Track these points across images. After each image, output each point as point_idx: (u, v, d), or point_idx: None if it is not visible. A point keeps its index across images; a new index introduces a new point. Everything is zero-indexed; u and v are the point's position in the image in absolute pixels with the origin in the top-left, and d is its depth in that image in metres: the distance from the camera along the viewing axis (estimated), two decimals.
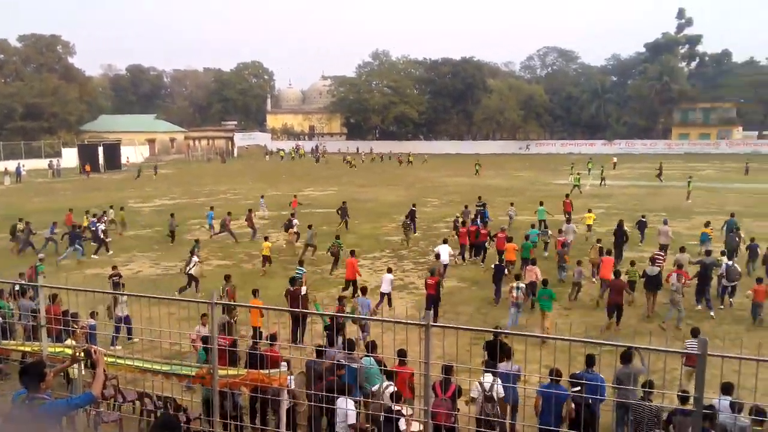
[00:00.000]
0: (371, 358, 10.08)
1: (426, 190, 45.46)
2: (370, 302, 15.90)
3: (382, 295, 17.95)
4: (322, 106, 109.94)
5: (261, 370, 7.59)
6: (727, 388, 8.66)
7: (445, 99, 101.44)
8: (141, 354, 9.09)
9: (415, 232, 28.69)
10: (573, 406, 8.72)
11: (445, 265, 21.14)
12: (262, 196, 37.04)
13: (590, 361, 9.58)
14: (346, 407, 8.53)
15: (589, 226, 27.42)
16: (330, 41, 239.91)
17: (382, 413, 8.00)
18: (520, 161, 75.12)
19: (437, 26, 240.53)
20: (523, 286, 16.12)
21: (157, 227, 31.50)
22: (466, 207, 30.11)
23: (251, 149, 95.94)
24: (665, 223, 24.56)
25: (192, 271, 19.65)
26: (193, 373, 7.33)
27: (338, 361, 9.57)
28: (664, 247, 22.39)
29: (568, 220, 25.34)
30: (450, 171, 63.26)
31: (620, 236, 23.02)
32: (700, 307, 17.75)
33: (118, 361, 8.08)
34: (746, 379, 10.02)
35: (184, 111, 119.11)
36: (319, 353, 10.07)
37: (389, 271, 19.11)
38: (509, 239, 21.82)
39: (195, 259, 20.23)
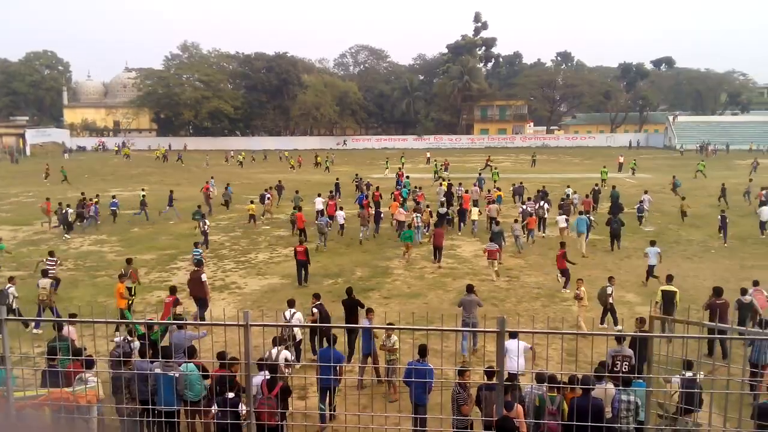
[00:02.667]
0: (191, 364, 9.69)
1: (244, 187, 44.45)
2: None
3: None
4: (128, 100, 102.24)
5: (64, 389, 6.96)
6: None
7: (260, 94, 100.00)
8: None
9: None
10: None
11: (342, 224, 27.90)
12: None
13: (423, 351, 9.81)
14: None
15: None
16: (132, 31, 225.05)
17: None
18: (339, 156, 76.37)
19: (249, 21, 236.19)
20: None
21: None
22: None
23: (47, 147, 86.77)
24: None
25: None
26: None
27: (153, 371, 9.07)
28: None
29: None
30: (272, 167, 62.52)
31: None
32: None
33: None
34: (544, 350, 11.28)
35: None
36: (123, 363, 9.42)
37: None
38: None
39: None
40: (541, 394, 8.70)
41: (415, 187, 36.93)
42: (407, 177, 41.89)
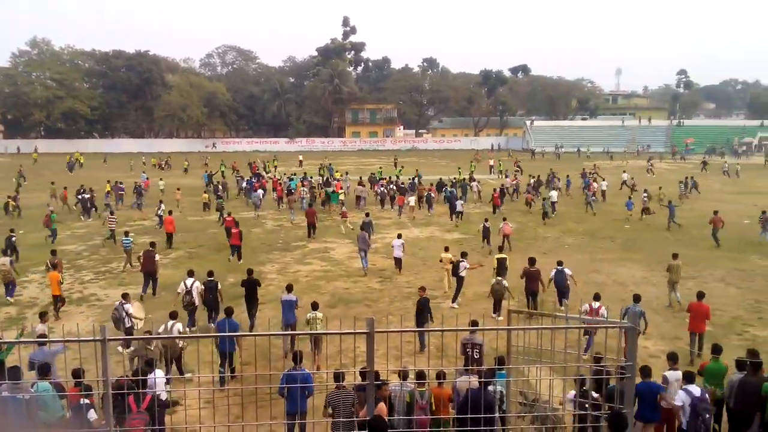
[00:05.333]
0: (45, 383, 8.98)
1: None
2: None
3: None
4: None
5: None
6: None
7: (120, 94, 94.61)
8: None
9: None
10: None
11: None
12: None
13: (295, 358, 9.68)
14: None
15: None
16: None
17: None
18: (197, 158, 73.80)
19: (106, 17, 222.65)
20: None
21: None
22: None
23: None
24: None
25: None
26: None
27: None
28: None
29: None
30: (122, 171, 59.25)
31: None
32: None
33: None
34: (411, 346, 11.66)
35: None
36: None
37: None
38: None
39: None
40: (410, 390, 8.98)
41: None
42: (294, 174, 46.75)
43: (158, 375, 10.05)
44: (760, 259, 23.53)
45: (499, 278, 17.06)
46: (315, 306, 13.96)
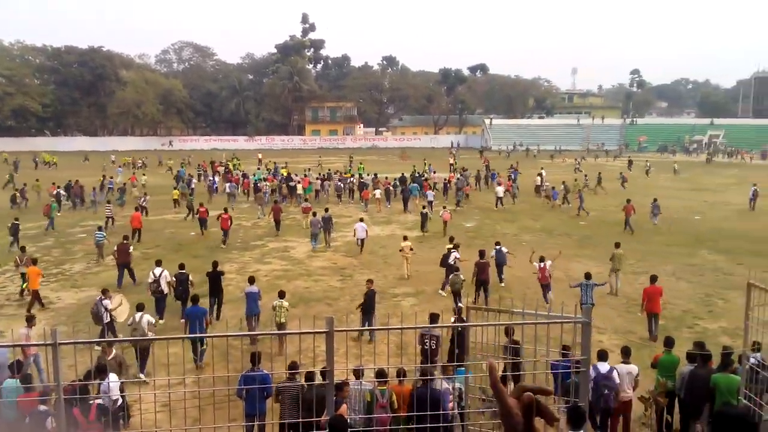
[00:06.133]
0: (11, 381, 8.71)
1: None
2: None
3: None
4: None
5: None
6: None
7: (73, 90, 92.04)
8: None
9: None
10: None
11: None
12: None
13: (254, 359, 9.71)
14: None
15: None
16: None
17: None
18: (164, 156, 72.47)
19: (57, 12, 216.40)
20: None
21: None
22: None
23: None
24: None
25: None
26: None
27: None
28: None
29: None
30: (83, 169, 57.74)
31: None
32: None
33: None
34: (377, 346, 11.67)
35: None
36: None
37: None
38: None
39: None
40: (371, 389, 9.00)
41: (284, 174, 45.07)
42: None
43: (112, 379, 9.84)
44: (710, 254, 24.30)
45: (457, 272, 17.61)
46: (282, 294, 14.84)
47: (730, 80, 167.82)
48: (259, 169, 51.51)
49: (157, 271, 16.59)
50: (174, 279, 16.55)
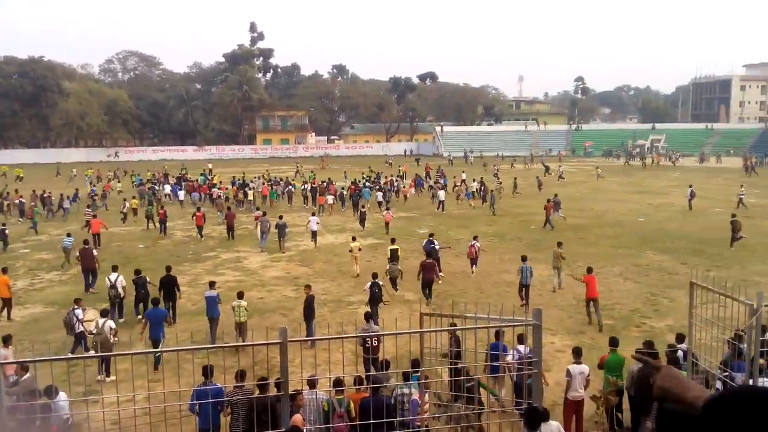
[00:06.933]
0: None
1: None
2: None
3: None
4: None
5: None
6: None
7: (13, 102, 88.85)
8: None
9: None
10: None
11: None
12: None
13: (206, 372, 9.56)
14: None
15: None
16: None
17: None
18: (109, 168, 70.68)
19: None
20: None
21: None
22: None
23: None
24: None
25: None
26: None
27: None
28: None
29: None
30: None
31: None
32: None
33: None
34: (332, 354, 11.54)
35: None
36: None
37: None
38: None
39: None
40: (327, 398, 8.93)
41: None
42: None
43: (61, 398, 9.51)
44: (655, 255, 25.07)
45: (394, 263, 20.04)
46: (240, 295, 15.49)
47: (670, 86, 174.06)
48: (213, 176, 52.81)
49: (113, 276, 17.36)
50: (133, 284, 17.34)
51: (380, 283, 16.99)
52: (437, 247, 21.50)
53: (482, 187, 40.47)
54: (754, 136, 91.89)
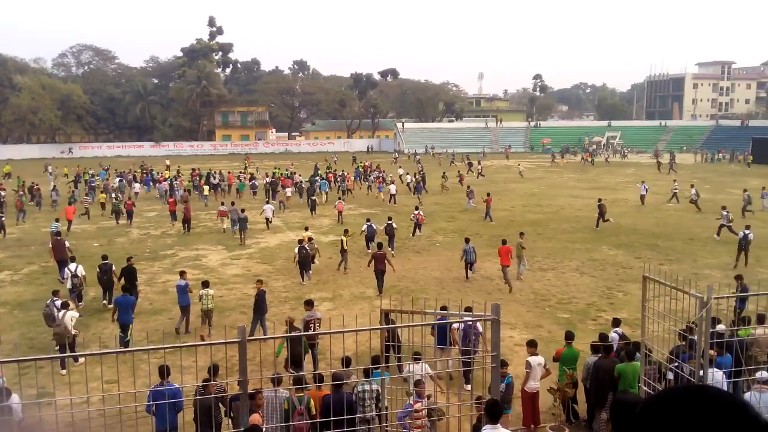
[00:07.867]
0: None
1: None
2: None
3: None
4: None
5: None
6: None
7: None
8: None
9: None
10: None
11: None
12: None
13: (162, 372, 9.45)
14: None
15: None
16: None
17: None
18: (64, 164, 68.75)
19: None
20: None
21: None
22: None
23: None
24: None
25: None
26: None
27: None
28: None
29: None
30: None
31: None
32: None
33: None
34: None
35: None
36: None
37: None
38: None
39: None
40: (287, 396, 8.88)
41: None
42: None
43: (14, 401, 9.24)
44: (610, 249, 25.64)
45: (311, 241, 22.41)
46: (206, 284, 16.03)
47: (626, 84, 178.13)
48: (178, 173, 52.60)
49: (72, 266, 18.07)
50: (98, 269, 18.26)
51: (306, 246, 20.22)
52: (374, 227, 24.78)
53: (417, 181, 42.80)
54: (706, 132, 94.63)
